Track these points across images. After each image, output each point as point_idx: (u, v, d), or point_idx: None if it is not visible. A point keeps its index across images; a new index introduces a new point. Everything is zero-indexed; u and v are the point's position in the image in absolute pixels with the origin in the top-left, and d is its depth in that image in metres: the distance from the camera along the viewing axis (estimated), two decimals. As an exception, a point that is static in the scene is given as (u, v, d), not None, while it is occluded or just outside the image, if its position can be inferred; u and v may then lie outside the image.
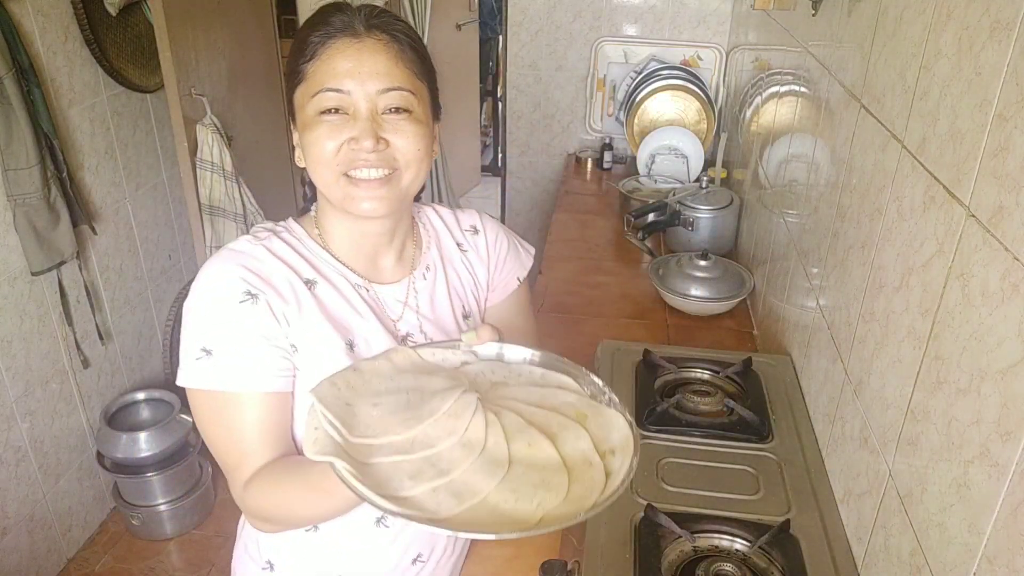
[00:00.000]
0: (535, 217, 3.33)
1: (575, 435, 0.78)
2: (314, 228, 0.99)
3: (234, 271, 0.90)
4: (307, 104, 0.89)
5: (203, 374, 0.87)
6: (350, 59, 0.88)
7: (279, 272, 0.92)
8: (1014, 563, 0.68)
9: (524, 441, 0.75)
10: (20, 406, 2.19)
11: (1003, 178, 0.74)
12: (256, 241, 0.94)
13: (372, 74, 0.88)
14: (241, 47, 2.75)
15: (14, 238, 2.10)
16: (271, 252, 0.93)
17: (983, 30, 0.81)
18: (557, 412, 0.80)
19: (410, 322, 1.01)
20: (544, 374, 0.88)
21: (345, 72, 0.88)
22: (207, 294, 0.90)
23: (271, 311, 0.89)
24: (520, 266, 1.15)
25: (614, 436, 0.79)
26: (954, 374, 0.82)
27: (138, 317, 2.71)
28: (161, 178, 2.78)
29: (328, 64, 0.88)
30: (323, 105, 0.88)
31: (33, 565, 2.29)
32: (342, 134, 0.88)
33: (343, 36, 0.89)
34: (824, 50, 1.47)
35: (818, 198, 1.42)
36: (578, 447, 0.77)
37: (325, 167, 0.90)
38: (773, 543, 1.06)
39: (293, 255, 0.95)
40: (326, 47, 0.88)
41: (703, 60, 2.93)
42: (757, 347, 1.79)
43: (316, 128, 0.89)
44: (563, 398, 0.84)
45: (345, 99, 0.88)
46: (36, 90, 2.06)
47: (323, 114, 0.89)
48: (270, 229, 0.97)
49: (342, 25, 0.89)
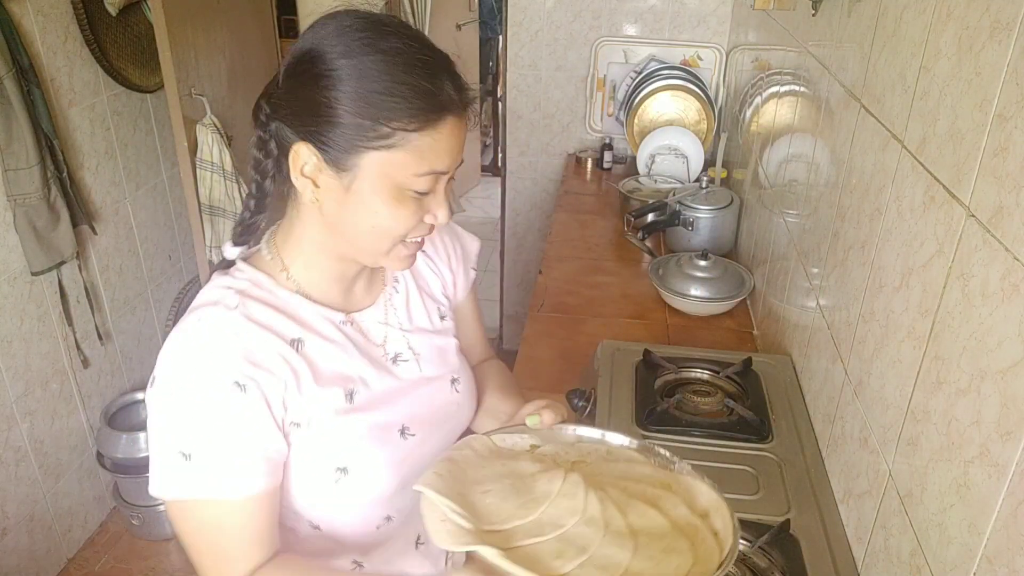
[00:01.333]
0: (535, 217, 3.33)
1: (672, 503, 0.83)
2: (280, 271, 0.89)
3: (215, 356, 0.79)
4: (398, 173, 0.79)
5: (181, 483, 0.79)
6: (458, 142, 0.82)
7: (266, 345, 0.82)
8: (1014, 563, 0.68)
9: (636, 513, 0.80)
10: (20, 406, 2.19)
11: (1003, 178, 0.74)
12: (228, 310, 0.82)
13: (462, 151, 0.84)
14: (241, 47, 2.75)
15: (14, 238, 2.10)
16: (251, 320, 0.83)
17: (983, 30, 0.81)
18: (644, 483, 0.86)
19: (395, 341, 0.98)
20: (610, 450, 0.93)
21: (453, 157, 0.82)
22: (187, 386, 0.79)
23: (264, 400, 0.81)
24: (470, 256, 1.12)
25: (701, 499, 0.84)
26: (954, 374, 0.82)
27: (138, 317, 2.71)
28: (161, 178, 2.78)
29: (441, 144, 0.80)
30: (422, 186, 0.81)
31: (33, 565, 2.29)
32: (420, 211, 0.83)
33: (454, 115, 0.80)
34: (824, 50, 1.47)
35: (818, 198, 1.42)
36: (680, 513, 0.82)
37: (389, 239, 0.84)
38: (773, 543, 1.06)
39: (272, 315, 0.85)
40: (441, 123, 0.79)
41: (703, 60, 2.93)
42: (757, 347, 1.79)
43: (402, 206, 0.81)
44: (641, 470, 0.89)
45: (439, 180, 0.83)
46: (36, 90, 2.06)
47: (416, 190, 0.81)
48: (237, 290, 0.85)
49: (449, 101, 0.80)
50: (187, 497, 0.80)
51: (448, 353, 1.03)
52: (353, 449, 0.89)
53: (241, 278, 0.87)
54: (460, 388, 1.03)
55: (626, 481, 0.86)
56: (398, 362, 0.97)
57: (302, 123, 0.80)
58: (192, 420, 0.79)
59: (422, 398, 0.98)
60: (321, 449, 0.87)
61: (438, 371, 1.01)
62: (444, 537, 0.75)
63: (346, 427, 0.88)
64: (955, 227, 0.84)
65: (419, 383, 0.98)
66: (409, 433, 0.94)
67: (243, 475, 0.81)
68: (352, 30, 0.79)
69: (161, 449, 0.80)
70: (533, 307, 1.99)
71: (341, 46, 0.78)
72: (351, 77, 0.77)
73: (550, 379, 1.68)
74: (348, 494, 0.89)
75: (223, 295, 0.84)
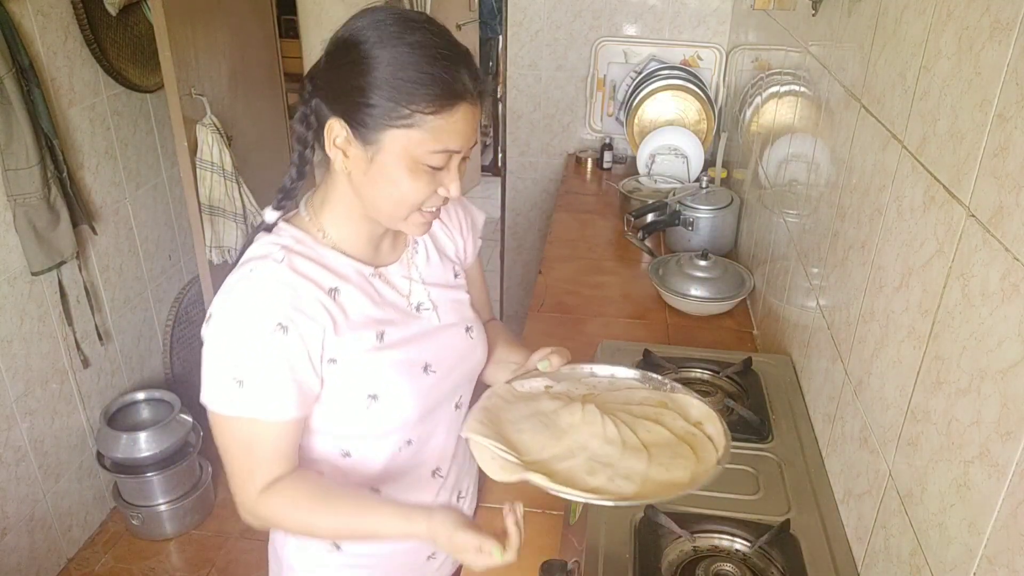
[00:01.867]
0: (535, 217, 3.33)
1: (670, 417, 1.02)
2: (317, 230, 1.02)
3: (264, 301, 0.94)
4: (413, 150, 0.91)
5: (233, 403, 0.94)
6: (471, 125, 0.93)
7: (307, 293, 0.96)
8: (1014, 563, 0.68)
9: (644, 429, 0.99)
10: (20, 406, 2.19)
11: (1003, 178, 0.74)
12: (277, 263, 0.96)
13: (475, 136, 0.95)
14: (241, 47, 2.75)
15: (14, 238, 2.10)
16: (295, 271, 0.96)
17: (983, 30, 0.81)
18: (645, 405, 1.05)
19: (418, 293, 1.11)
20: (612, 381, 1.12)
21: (465, 139, 0.93)
22: (238, 322, 0.94)
23: (303, 341, 0.94)
24: (477, 227, 1.27)
25: (692, 412, 1.03)
26: (954, 374, 0.82)
27: (138, 317, 2.71)
28: (161, 178, 2.78)
29: (455, 126, 0.91)
30: (437, 163, 0.93)
31: (33, 565, 2.29)
32: (434, 183, 0.95)
33: (468, 102, 0.92)
34: (824, 50, 1.47)
35: (818, 198, 1.42)
36: (677, 425, 1.00)
37: (406, 206, 0.96)
38: (773, 543, 1.06)
39: (313, 267, 0.98)
40: (455, 108, 0.90)
41: (703, 60, 2.93)
42: (757, 347, 1.79)
43: (418, 178, 0.93)
44: (640, 395, 1.08)
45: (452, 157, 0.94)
46: (36, 90, 2.06)
47: (430, 165, 0.93)
48: (282, 246, 0.98)
49: (464, 90, 0.91)
50: (232, 414, 0.95)
51: (462, 305, 1.17)
52: (383, 379, 1.02)
53: (285, 236, 1.00)
54: (474, 336, 1.16)
55: (630, 405, 1.05)
56: (421, 311, 1.10)
57: (337, 101, 0.92)
58: (243, 352, 0.93)
59: (442, 341, 1.11)
60: (355, 379, 1.01)
61: (454, 319, 1.14)
62: (497, 471, 0.92)
63: (377, 361, 1.02)
64: (955, 227, 0.84)
65: (439, 329, 1.11)
66: (431, 370, 1.08)
67: (280, 402, 0.95)
68: (385, 23, 0.90)
69: (217, 372, 0.94)
70: (533, 307, 1.99)
71: (375, 37, 0.90)
72: (381, 64, 0.89)
73: (550, 379, 1.68)
74: (377, 419, 1.03)
75: (271, 250, 0.98)
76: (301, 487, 0.99)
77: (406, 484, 1.12)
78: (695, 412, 1.03)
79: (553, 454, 0.95)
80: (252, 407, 0.94)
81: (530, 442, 0.97)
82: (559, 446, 0.96)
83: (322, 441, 1.07)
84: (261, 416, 0.95)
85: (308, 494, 0.99)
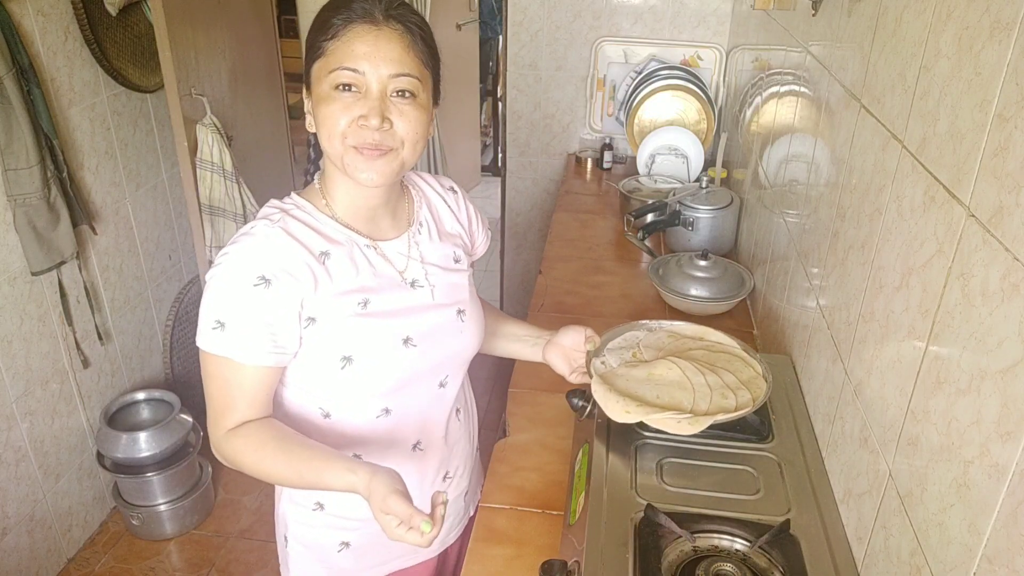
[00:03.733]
0: (535, 217, 3.32)
1: (723, 370, 1.32)
2: (320, 199, 1.10)
3: (252, 256, 1.02)
4: (324, 78, 1.00)
5: (214, 342, 1.02)
6: (367, 43, 0.99)
7: (294, 254, 1.03)
8: (1014, 563, 0.68)
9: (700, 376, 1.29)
10: (20, 406, 2.19)
11: (1003, 178, 0.74)
12: (272, 224, 1.04)
13: (385, 59, 0.99)
14: (241, 47, 2.75)
15: (14, 238, 2.10)
16: (287, 233, 1.04)
17: (983, 30, 0.81)
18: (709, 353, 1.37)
19: (414, 270, 1.16)
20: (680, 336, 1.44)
21: (362, 55, 0.98)
22: (227, 272, 1.02)
23: (282, 296, 1.02)
24: (485, 239, 1.36)
25: (744, 373, 1.32)
26: (954, 374, 0.82)
27: (138, 317, 2.71)
28: (161, 178, 2.78)
29: (348, 45, 0.99)
30: (338, 81, 0.99)
31: (33, 565, 2.29)
32: (352, 111, 1.00)
33: (363, 22, 0.99)
34: (824, 50, 1.47)
35: (818, 198, 1.42)
36: (726, 379, 1.29)
37: (335, 139, 1.01)
38: (773, 543, 1.05)
39: (306, 231, 1.06)
40: (347, 29, 0.99)
41: (703, 60, 2.93)
42: (757, 347, 1.79)
43: (330, 103, 1.00)
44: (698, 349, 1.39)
45: (359, 79, 0.99)
46: (36, 90, 2.06)
47: (337, 89, 0.99)
48: (281, 209, 1.08)
49: (363, 12, 0.99)
50: (211, 352, 1.02)
51: (459, 289, 1.21)
52: (359, 344, 1.08)
53: (289, 203, 1.10)
54: (466, 319, 1.21)
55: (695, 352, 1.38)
56: (415, 287, 1.15)
57: None
58: (228, 297, 1.01)
59: (429, 319, 1.15)
60: (332, 340, 1.07)
61: (448, 299, 1.19)
62: (620, 413, 1.20)
63: (357, 326, 1.08)
64: (955, 227, 0.84)
65: (429, 307, 1.16)
66: (412, 344, 1.12)
67: (255, 348, 1.02)
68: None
69: (205, 313, 1.02)
70: (533, 307, 1.99)
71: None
72: (312, 22, 1.03)
73: (550, 379, 1.68)
74: (350, 382, 1.09)
75: (270, 212, 1.08)
76: (263, 431, 1.05)
77: (386, 454, 1.17)
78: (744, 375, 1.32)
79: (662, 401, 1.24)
80: (228, 348, 1.01)
81: (632, 390, 1.26)
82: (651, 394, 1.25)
83: (302, 399, 1.13)
84: (235, 357, 1.02)
85: (268, 437, 1.04)
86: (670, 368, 1.31)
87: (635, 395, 1.26)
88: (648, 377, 1.31)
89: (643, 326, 1.48)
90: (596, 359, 1.37)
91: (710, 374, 1.30)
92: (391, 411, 1.15)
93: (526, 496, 1.34)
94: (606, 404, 1.23)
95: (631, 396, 1.25)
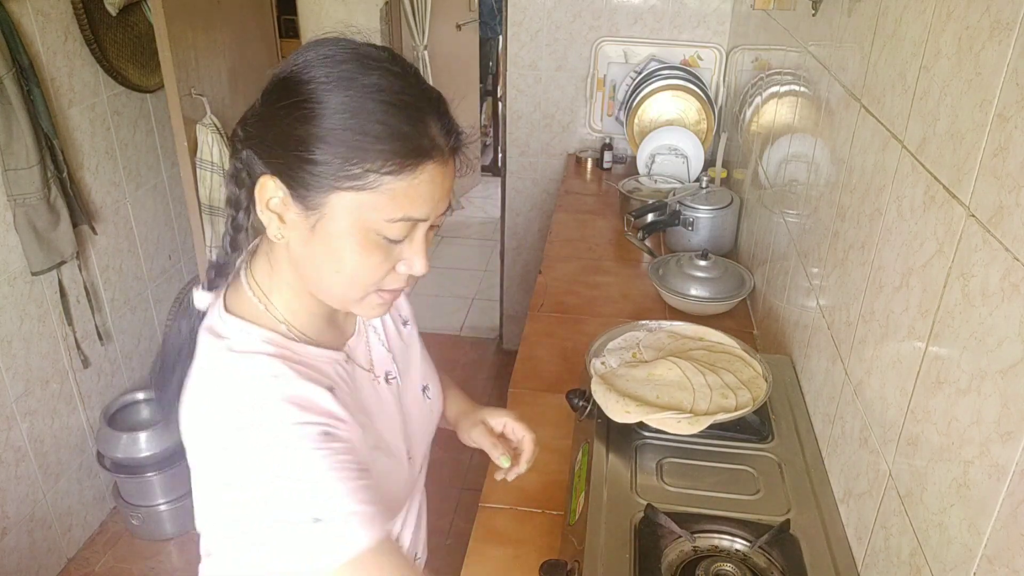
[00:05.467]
0: (535, 217, 3.32)
1: (723, 370, 1.33)
2: (277, 323, 0.83)
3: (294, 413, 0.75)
4: (368, 217, 0.73)
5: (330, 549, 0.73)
6: (439, 189, 0.76)
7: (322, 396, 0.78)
8: (1014, 563, 0.68)
9: (700, 376, 1.30)
10: (20, 406, 2.19)
11: (1003, 178, 0.74)
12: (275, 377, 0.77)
13: (445, 201, 0.77)
14: (241, 47, 2.75)
15: (14, 238, 2.10)
16: (298, 376, 0.79)
17: (983, 30, 0.81)
18: (709, 353, 1.39)
19: (381, 361, 0.95)
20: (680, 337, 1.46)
21: (433, 205, 0.76)
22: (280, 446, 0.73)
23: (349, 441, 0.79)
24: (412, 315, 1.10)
25: (744, 373, 1.34)
26: (954, 374, 0.82)
27: (138, 317, 2.71)
28: (161, 178, 2.78)
29: (418, 190, 0.73)
30: (395, 233, 0.75)
31: (33, 565, 2.29)
32: (392, 258, 0.78)
33: (436, 160, 0.74)
34: (824, 50, 1.47)
35: (818, 198, 1.42)
36: (726, 379, 1.31)
37: (359, 288, 0.78)
38: (773, 543, 1.05)
39: (306, 370, 0.80)
40: (420, 168, 0.73)
41: (703, 60, 2.93)
42: (757, 347, 1.79)
43: (372, 251, 0.75)
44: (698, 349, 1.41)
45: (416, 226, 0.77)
46: (36, 90, 2.06)
47: (385, 238, 0.75)
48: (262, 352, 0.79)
49: (432, 145, 0.74)
50: (343, 560, 0.73)
51: (416, 359, 1.04)
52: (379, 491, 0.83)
53: (253, 335, 0.80)
54: (431, 394, 1.04)
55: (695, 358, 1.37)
56: (389, 380, 0.95)
57: (271, 154, 0.75)
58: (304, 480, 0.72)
59: (410, 415, 0.98)
60: None
61: (414, 382, 1.02)
62: (620, 414, 1.21)
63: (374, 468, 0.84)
64: (955, 227, 0.84)
65: (405, 401, 0.98)
66: (411, 455, 0.96)
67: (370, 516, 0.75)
68: (335, 61, 0.73)
69: (288, 526, 0.72)
70: (533, 307, 1.99)
71: (321, 76, 0.72)
72: (328, 111, 0.71)
73: (550, 379, 1.68)
74: None
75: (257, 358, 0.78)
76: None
77: None
78: (745, 375, 1.33)
79: (648, 400, 1.25)
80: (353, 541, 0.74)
81: (633, 391, 1.27)
82: (651, 395, 1.26)
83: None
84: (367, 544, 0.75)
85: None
86: (670, 368, 1.31)
87: (635, 395, 1.26)
88: (648, 377, 1.31)
89: (643, 326, 1.48)
90: (596, 359, 1.38)
91: (710, 374, 1.30)
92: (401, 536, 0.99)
93: (526, 496, 1.34)
94: (606, 404, 1.23)
95: (631, 396, 1.25)
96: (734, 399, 1.26)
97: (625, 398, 1.24)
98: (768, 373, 1.33)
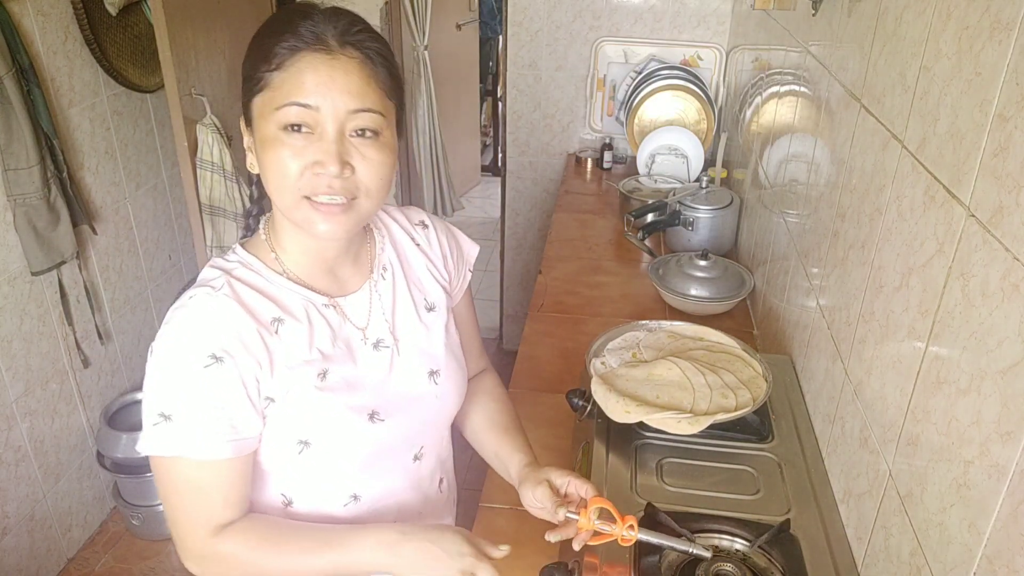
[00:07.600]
0: (535, 217, 3.33)
1: (723, 370, 1.33)
2: (269, 252, 0.95)
3: (195, 332, 0.86)
4: (269, 116, 0.85)
5: (161, 440, 0.86)
6: (321, 75, 0.84)
7: (244, 325, 0.88)
8: (1014, 563, 0.68)
9: (700, 376, 1.30)
10: (20, 406, 2.19)
11: (1003, 178, 0.74)
12: (214, 292, 0.89)
13: (343, 93, 0.84)
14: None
15: (14, 238, 2.10)
16: (234, 300, 0.89)
17: (983, 30, 0.81)
18: (709, 353, 1.39)
19: (377, 327, 1.00)
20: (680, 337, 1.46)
21: (314, 87, 0.83)
22: (168, 355, 0.86)
23: (238, 375, 0.87)
24: (467, 258, 1.16)
25: (744, 373, 1.34)
26: (954, 374, 0.82)
27: (138, 317, 2.71)
28: (161, 178, 2.78)
29: (296, 77, 0.84)
30: (287, 120, 0.84)
31: (33, 565, 2.29)
32: (306, 156, 0.85)
33: (315, 50, 0.84)
34: (824, 50, 1.47)
35: (818, 198, 1.42)
36: (726, 379, 1.31)
37: (286, 189, 0.86)
38: (773, 543, 1.05)
39: (254, 296, 0.91)
40: (295, 58, 0.84)
41: (703, 60, 2.93)
42: (757, 347, 1.79)
43: (278, 147, 0.85)
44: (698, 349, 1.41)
45: (312, 115, 0.84)
46: (36, 90, 2.06)
47: (286, 130, 0.85)
48: (224, 269, 0.92)
49: (313, 37, 0.84)
50: (163, 454, 0.86)
51: (433, 345, 1.05)
52: (318, 426, 0.93)
53: (233, 260, 0.94)
54: (440, 381, 1.05)
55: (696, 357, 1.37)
56: (379, 348, 1.00)
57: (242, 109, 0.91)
58: (172, 385, 0.86)
59: (398, 386, 1.00)
60: (288, 421, 0.92)
61: (417, 361, 1.03)
62: (620, 414, 1.21)
63: (315, 404, 0.92)
64: (955, 227, 0.84)
65: (396, 371, 1.01)
66: (378, 418, 0.97)
67: (211, 439, 0.86)
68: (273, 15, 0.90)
69: (147, 409, 0.87)
70: (533, 307, 1.99)
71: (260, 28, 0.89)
72: (249, 45, 0.88)
73: (550, 379, 1.68)
74: (309, 467, 0.94)
75: (211, 277, 0.91)
76: (256, 526, 0.91)
77: None
78: (745, 374, 1.34)
79: (648, 400, 1.25)
80: (179, 445, 0.85)
81: (632, 390, 1.28)
82: (651, 395, 1.26)
83: (259, 482, 0.96)
84: (190, 454, 0.86)
85: (265, 530, 0.91)
86: (670, 368, 1.30)
87: (635, 395, 1.26)
88: (648, 377, 1.30)
89: (643, 326, 1.48)
90: (596, 359, 1.37)
91: (710, 374, 1.30)
92: (360, 497, 1.00)
93: (526, 496, 1.34)
94: (606, 404, 1.23)
95: (631, 396, 1.25)
96: (734, 399, 1.26)
97: (625, 398, 1.24)
98: (768, 373, 1.33)
